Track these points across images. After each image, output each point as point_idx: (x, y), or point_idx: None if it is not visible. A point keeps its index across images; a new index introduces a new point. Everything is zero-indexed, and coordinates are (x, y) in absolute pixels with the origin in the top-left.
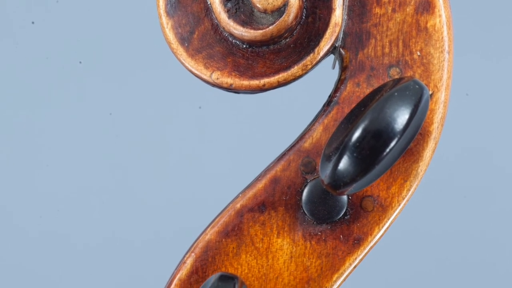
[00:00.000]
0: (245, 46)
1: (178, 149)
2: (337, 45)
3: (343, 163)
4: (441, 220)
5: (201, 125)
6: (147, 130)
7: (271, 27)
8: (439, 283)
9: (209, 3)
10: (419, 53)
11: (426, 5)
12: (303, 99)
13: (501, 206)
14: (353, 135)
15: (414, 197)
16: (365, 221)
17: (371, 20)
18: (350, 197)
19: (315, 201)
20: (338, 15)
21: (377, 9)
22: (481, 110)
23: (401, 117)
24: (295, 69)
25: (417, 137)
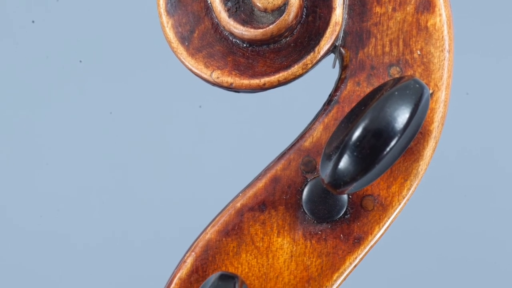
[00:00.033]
0: (245, 45)
1: (178, 149)
2: (337, 44)
3: (344, 162)
4: (442, 219)
5: (201, 124)
6: (147, 129)
7: (271, 26)
8: (439, 282)
9: (209, 2)
10: (419, 52)
11: (426, 4)
12: (303, 98)
13: (501, 205)
14: (354, 134)
15: (414, 196)
16: (365, 220)
17: (371, 19)
18: (350, 196)
19: (316, 200)
20: (338, 14)
21: (378, 8)
22: (482, 109)
23: (402, 116)
24: (296, 68)
25: (417, 136)
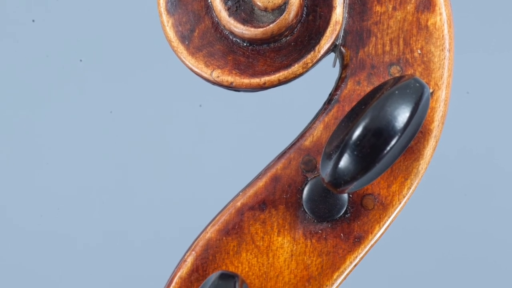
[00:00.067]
0: (245, 44)
1: (178, 149)
2: (337, 43)
3: (344, 162)
4: (442, 218)
5: (201, 123)
6: (147, 129)
7: (271, 25)
8: (440, 281)
9: (209, 1)
10: (419, 51)
11: (426, 3)
12: (303, 97)
13: (501, 204)
14: (354, 133)
15: (414, 195)
16: (365, 219)
17: (371, 18)
18: (350, 196)
19: (316, 200)
20: (338, 13)
21: (378, 7)
22: (482, 108)
23: (402, 115)
24: (296, 67)
25: (417, 135)
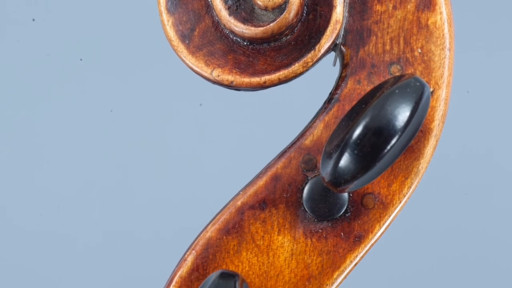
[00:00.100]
0: (245, 43)
1: (178, 149)
2: (338, 42)
3: (344, 161)
4: (442, 217)
5: (201, 123)
6: (147, 128)
7: (272, 25)
8: (440, 280)
9: (209, 0)
10: (420, 50)
11: (427, 2)
12: (303, 97)
13: (502, 203)
14: (354, 132)
15: (415, 195)
16: (366, 218)
17: (372, 17)
18: (351, 195)
19: (316, 199)
20: (339, 12)
21: (378, 6)
22: (482, 107)
23: (402, 115)
24: (296, 66)
25: (418, 135)
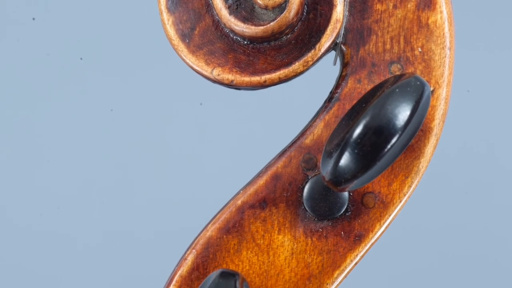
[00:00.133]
0: (246, 42)
1: (178, 149)
2: (338, 42)
3: (344, 160)
4: (443, 216)
5: (201, 122)
6: (147, 128)
7: (272, 24)
8: (441, 279)
9: None
10: (420, 50)
11: (427, 1)
12: (304, 96)
13: (502, 201)
14: (354, 131)
15: (415, 194)
16: (366, 217)
17: (372, 16)
18: (351, 194)
19: (316, 198)
20: (339, 11)
21: (378, 5)
22: (482, 106)
23: (402, 114)
24: (296, 66)
25: (418, 134)
